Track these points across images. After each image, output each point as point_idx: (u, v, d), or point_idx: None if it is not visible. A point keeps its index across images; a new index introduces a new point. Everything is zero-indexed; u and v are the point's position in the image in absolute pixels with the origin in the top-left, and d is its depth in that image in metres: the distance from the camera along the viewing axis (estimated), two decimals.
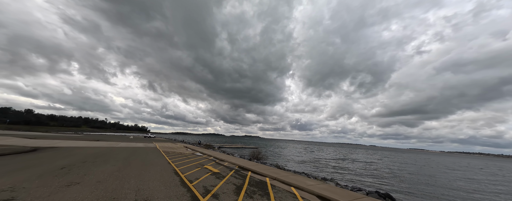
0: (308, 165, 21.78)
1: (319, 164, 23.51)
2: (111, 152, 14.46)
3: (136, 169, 8.47)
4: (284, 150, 47.59)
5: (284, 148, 56.84)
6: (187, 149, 21.82)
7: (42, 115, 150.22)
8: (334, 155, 41.72)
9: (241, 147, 50.05)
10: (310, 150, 54.65)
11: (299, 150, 51.70)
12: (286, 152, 43.73)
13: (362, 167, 24.42)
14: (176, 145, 26.95)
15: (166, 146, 23.73)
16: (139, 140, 36.25)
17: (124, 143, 24.21)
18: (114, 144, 22.18)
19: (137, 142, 30.10)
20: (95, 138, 33.25)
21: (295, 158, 28.72)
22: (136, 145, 23.02)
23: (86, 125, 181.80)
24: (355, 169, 22.01)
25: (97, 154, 12.46)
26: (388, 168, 25.03)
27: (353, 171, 20.23)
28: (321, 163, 24.52)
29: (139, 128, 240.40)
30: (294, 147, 67.22)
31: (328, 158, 32.63)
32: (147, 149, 18.37)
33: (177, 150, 19.13)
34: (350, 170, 20.25)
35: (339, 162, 27.12)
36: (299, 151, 49.73)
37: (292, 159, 27.66)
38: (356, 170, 20.71)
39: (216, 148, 36.55)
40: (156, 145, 24.33)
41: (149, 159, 11.76)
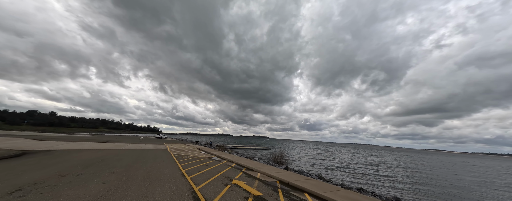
0: (345, 174, 18.02)
1: (355, 172, 19.61)
2: (113, 157, 11.67)
3: (134, 190, 5.37)
4: (300, 152, 43.67)
5: (299, 149, 52.81)
6: (201, 151, 18.85)
7: (64, 117, 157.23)
8: (360, 159, 37.21)
9: (254, 148, 46.78)
10: (328, 152, 50.23)
11: (317, 152, 47.50)
12: (303, 154, 39.82)
13: (411, 175, 20.24)
14: (188, 147, 24.16)
15: (177, 148, 20.95)
16: (150, 141, 34.05)
17: (133, 145, 21.70)
18: (121, 146, 19.70)
19: (147, 143, 27.72)
20: (106, 139, 31.38)
21: (321, 163, 24.91)
22: (145, 147, 20.43)
23: (103, 126, 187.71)
24: (408, 179, 17.96)
25: (92, 161, 9.64)
26: (453, 177, 20.65)
27: (409, 182, 16.24)
28: (355, 170, 20.60)
29: (151, 129, 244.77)
30: (308, 148, 62.87)
31: (358, 163, 28.43)
32: (156, 152, 15.55)
33: (191, 153, 16.18)
34: (405, 183, 16.19)
35: (374, 169, 22.99)
36: (317, 152, 45.56)
37: (318, 164, 23.89)
38: (413, 181, 16.69)
39: (228, 149, 33.59)
40: (166, 147, 21.64)
41: (157, 169, 8.72)
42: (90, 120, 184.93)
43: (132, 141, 30.81)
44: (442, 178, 19.46)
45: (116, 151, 14.54)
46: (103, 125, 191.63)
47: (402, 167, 26.74)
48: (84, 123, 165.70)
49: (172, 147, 22.63)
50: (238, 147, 44.02)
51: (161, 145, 24.21)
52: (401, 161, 37.23)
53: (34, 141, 18.82)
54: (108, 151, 14.56)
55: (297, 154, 38.11)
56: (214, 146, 40.57)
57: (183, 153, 16.52)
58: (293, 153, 40.19)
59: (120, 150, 15.36)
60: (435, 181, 17.21)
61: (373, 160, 34.61)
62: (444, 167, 31.81)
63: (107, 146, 18.47)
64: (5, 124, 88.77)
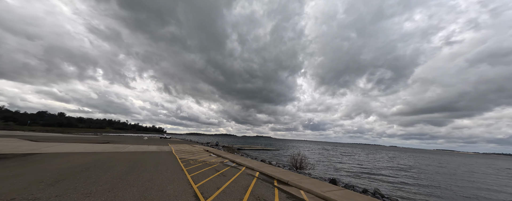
0: (383, 183, 15.10)
1: (393, 180, 16.60)
2: (104, 163, 9.16)
3: None
4: (312, 154, 40.65)
5: (308, 150, 49.73)
6: (210, 154, 16.25)
7: (72, 118, 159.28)
8: (381, 162, 33.97)
9: (262, 149, 44.03)
10: (340, 153, 46.99)
11: (329, 153, 44.37)
12: (317, 155, 36.84)
13: (466, 184, 17.15)
14: (195, 148, 21.63)
15: (183, 150, 18.42)
16: (154, 142, 31.76)
17: (134, 147, 19.29)
18: (121, 147, 17.30)
19: (151, 144, 25.35)
20: (107, 140, 29.24)
21: (342, 167, 21.96)
22: (147, 148, 17.98)
23: (110, 127, 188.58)
24: (455, 187, 14.95)
25: (73, 170, 7.11)
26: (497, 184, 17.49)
27: (460, 192, 13.26)
28: (388, 178, 17.58)
29: (156, 129, 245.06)
30: (317, 149, 59.65)
31: (382, 167, 25.33)
32: (159, 156, 13.02)
33: (199, 157, 13.59)
34: (455, 192, 13.21)
35: (410, 176, 19.89)
36: (330, 154, 42.43)
37: (341, 168, 20.96)
38: (463, 190, 13.67)
39: (237, 150, 30.96)
40: (171, 149, 19.15)
41: (158, 184, 6.12)
42: (97, 120, 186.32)
43: (134, 141, 28.54)
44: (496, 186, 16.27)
45: (112, 155, 12.06)
46: (109, 126, 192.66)
47: (440, 173, 23.47)
48: (91, 124, 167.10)
49: (178, 148, 20.13)
50: (245, 148, 41.40)
51: (166, 147, 21.76)
52: (428, 164, 33.79)
53: (26, 142, 16.63)
54: (102, 154, 12.10)
55: (310, 155, 35.14)
56: (220, 147, 38.08)
57: (191, 156, 13.95)
58: (305, 154, 37.17)
59: (117, 153, 12.90)
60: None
61: (397, 163, 31.37)
62: (487, 172, 28.26)
63: (104, 147, 16.08)
64: (16, 124, 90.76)
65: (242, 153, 26.86)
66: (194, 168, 9.27)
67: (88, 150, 13.78)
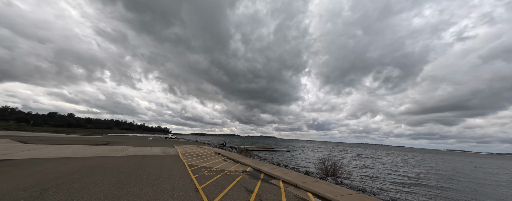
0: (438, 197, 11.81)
1: (449, 192, 13.23)
2: (88, 174, 6.33)
3: None
4: (327, 155, 37.18)
5: (321, 152, 46.25)
6: (224, 158, 13.33)
7: (81, 119, 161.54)
8: (412, 167, 30.39)
9: (272, 150, 40.92)
10: (359, 155, 43.37)
11: (348, 155, 40.85)
12: (340, 159, 33.43)
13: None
14: (204, 150, 18.78)
15: (191, 153, 15.57)
16: (159, 142, 29.16)
17: (134, 149, 16.58)
18: (119, 150, 14.60)
19: (155, 145, 22.68)
20: (108, 141, 26.82)
21: (380, 175, 18.66)
22: (150, 151, 15.22)
23: (117, 127, 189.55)
24: None
25: (29, 192, 4.24)
26: None
27: None
28: (442, 188, 14.18)
29: (161, 129, 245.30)
30: (330, 150, 56.00)
31: (421, 173, 21.85)
32: (163, 162, 10.16)
33: (212, 163, 10.69)
34: None
35: (459, 183, 16.42)
36: (350, 156, 38.95)
37: (378, 176, 17.68)
38: None
39: (245, 151, 27.96)
40: (177, 151, 16.34)
41: None
42: (104, 121, 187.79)
43: (137, 142, 25.97)
44: None
45: (103, 161, 9.27)
46: (117, 126, 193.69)
47: (502, 183, 19.84)
48: (99, 124, 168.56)
49: (185, 150, 17.31)
50: (254, 149, 38.40)
51: (171, 148, 18.98)
52: (471, 169, 29.91)
53: (13, 144, 14.15)
54: (91, 160, 9.33)
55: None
56: (229, 148, 35.25)
57: (201, 162, 11.04)
58: (335, 159, 33.86)
59: (110, 158, 10.12)
60: None
61: (430, 167, 27.72)
62: None
63: (99, 150, 13.39)
64: (28, 125, 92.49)
65: (253, 154, 23.89)
66: (211, 183, 6.31)
67: (76, 154, 11.07)
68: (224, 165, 10.33)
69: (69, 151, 12.04)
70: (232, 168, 9.54)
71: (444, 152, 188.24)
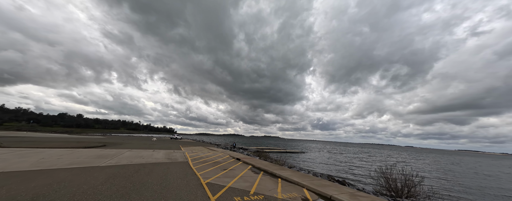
0: None
1: None
2: None
3: None
4: (349, 158, 33.07)
5: (339, 153, 41.94)
6: (252, 169, 9.51)
7: (90, 119, 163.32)
8: (463, 173, 25.94)
9: (284, 151, 36.90)
10: (388, 156, 38.87)
11: (375, 158, 36.48)
12: (364, 162, 29.30)
13: None
14: (217, 154, 15.04)
15: (203, 158, 11.84)
16: (163, 143, 25.65)
17: (132, 153, 12.95)
18: (112, 154, 11.00)
19: (159, 147, 19.13)
20: (107, 141, 23.45)
21: (448, 186, 14.44)
22: (151, 156, 11.57)
23: (124, 127, 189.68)
24: None
25: None
26: None
27: None
28: None
29: (167, 130, 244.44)
30: (345, 151, 51.52)
31: (472, 179, 17.52)
32: (167, 175, 6.43)
33: (242, 179, 6.91)
34: None
35: None
36: (378, 160, 34.59)
37: (449, 188, 13.45)
38: None
39: (249, 151, 24.12)
40: (186, 156, 12.64)
41: None
42: (112, 121, 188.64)
43: (139, 144, 22.47)
44: None
45: (71, 179, 5.60)
46: (123, 126, 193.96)
47: None
48: (106, 125, 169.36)
49: (194, 154, 13.60)
50: (265, 150, 34.47)
51: (178, 152, 15.30)
52: None
53: None
54: (55, 176, 5.67)
55: (353, 161, 27.72)
56: (239, 149, 31.58)
57: (223, 175, 7.25)
58: (347, 161, 29.81)
59: (89, 171, 6.47)
60: None
61: (475, 171, 23.24)
62: None
63: (81, 157, 9.80)
64: (39, 126, 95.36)
65: (276, 159, 20.05)
66: None
67: (41, 164, 7.44)
68: (262, 184, 6.49)
69: (34, 159, 8.41)
70: (279, 191, 5.69)
71: (457, 152, 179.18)
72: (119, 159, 9.55)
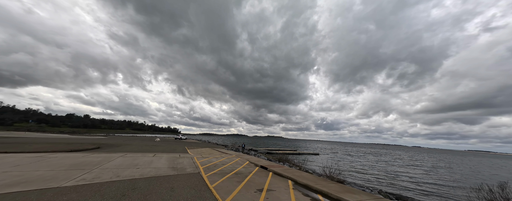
0: None
1: None
2: None
3: None
4: (394, 166, 29.58)
5: (356, 154, 38.34)
6: (295, 186, 6.36)
7: (96, 120, 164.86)
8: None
9: (298, 153, 33.56)
10: (415, 160, 35.15)
11: (404, 163, 32.87)
12: (399, 168, 25.79)
13: None
14: (232, 159, 11.95)
15: (218, 166, 8.74)
16: (167, 145, 22.74)
17: (124, 160, 9.95)
18: (97, 162, 8.04)
19: (162, 150, 16.18)
20: (106, 142, 20.67)
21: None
22: (150, 165, 8.58)
23: (129, 128, 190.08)
24: None
25: None
26: None
27: None
28: None
29: (171, 130, 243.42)
30: (358, 152, 47.80)
31: None
32: (172, 194, 3.32)
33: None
34: None
35: None
36: (410, 164, 31.01)
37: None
38: None
39: (260, 153, 20.92)
40: (196, 162, 9.57)
41: None
42: (118, 122, 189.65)
43: (139, 145, 19.54)
44: None
45: None
46: (129, 127, 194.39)
47: None
48: (112, 125, 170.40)
49: (206, 161, 10.52)
50: (278, 152, 31.26)
51: (184, 157, 12.23)
52: None
53: None
54: None
55: (395, 170, 24.22)
56: (247, 150, 28.50)
57: (250, 194, 4.13)
58: (397, 170, 26.24)
59: (44, 194, 3.45)
60: None
61: None
62: None
63: (49, 168, 6.83)
64: (48, 126, 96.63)
65: (295, 164, 16.88)
66: None
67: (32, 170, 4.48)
68: None
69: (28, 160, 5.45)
70: None
71: (467, 153, 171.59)
72: (101, 171, 6.50)
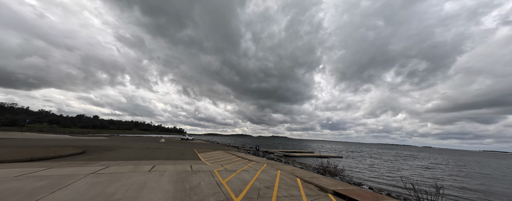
0: None
1: None
2: None
3: None
4: (454, 175, 24.61)
5: (387, 159, 33.30)
6: None
7: (105, 120, 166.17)
8: None
9: (317, 156, 28.91)
10: (463, 163, 29.96)
11: (455, 169, 27.77)
12: (456, 176, 20.79)
13: None
14: (272, 176, 7.67)
15: (250, 183, 4.54)
16: (173, 147, 18.70)
17: (96, 179, 5.74)
18: (46, 184, 4.01)
19: (166, 155, 12.11)
20: (97, 145, 16.82)
21: None
22: (141, 191, 4.49)
23: (136, 128, 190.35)
24: None
25: None
26: None
27: None
28: None
29: (177, 130, 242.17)
30: (382, 154, 42.51)
31: None
32: None
33: None
34: None
35: None
36: (433, 167, 25.95)
37: None
38: None
39: (275, 155, 16.41)
40: (221, 185, 5.41)
41: None
42: (125, 122, 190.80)
43: (137, 149, 15.51)
44: None
45: None
46: (136, 127, 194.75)
47: None
48: (120, 125, 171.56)
49: (234, 178, 6.20)
50: (294, 154, 26.76)
51: (200, 173, 8.00)
52: None
53: None
54: None
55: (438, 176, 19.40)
56: (262, 152, 24.04)
57: None
58: (416, 172, 21.38)
59: None
60: None
61: None
62: None
63: None
64: (59, 127, 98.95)
65: (293, 162, 12.48)
66: None
67: None
68: None
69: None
70: None
71: (482, 153, 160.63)
72: None
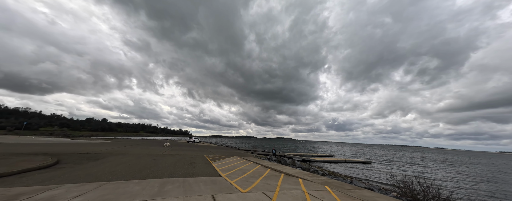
0: None
1: None
2: None
3: None
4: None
5: (433, 167, 29.36)
6: None
7: (113, 123, 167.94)
8: None
9: (342, 160, 25.58)
10: None
11: None
12: None
13: None
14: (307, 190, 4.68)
15: None
16: (179, 151, 16.01)
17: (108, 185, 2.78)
18: None
19: (170, 170, 9.46)
20: (88, 150, 14.33)
21: None
22: None
23: (143, 131, 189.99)
24: None
25: None
26: None
27: None
28: None
29: (182, 132, 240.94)
30: (413, 158, 38.44)
31: None
32: None
33: None
34: None
35: None
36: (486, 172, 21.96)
37: None
38: None
39: (296, 160, 13.19)
40: None
41: None
42: (132, 125, 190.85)
43: (135, 158, 12.88)
44: None
45: None
46: (143, 130, 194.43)
47: None
48: (127, 128, 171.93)
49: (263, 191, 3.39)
50: (315, 159, 23.66)
51: (220, 191, 5.18)
52: None
53: None
54: None
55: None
56: (278, 156, 20.65)
57: None
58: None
59: None
60: None
61: None
62: None
63: None
64: (69, 130, 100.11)
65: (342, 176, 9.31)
66: None
67: None
68: None
69: None
70: None
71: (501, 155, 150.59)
72: None
